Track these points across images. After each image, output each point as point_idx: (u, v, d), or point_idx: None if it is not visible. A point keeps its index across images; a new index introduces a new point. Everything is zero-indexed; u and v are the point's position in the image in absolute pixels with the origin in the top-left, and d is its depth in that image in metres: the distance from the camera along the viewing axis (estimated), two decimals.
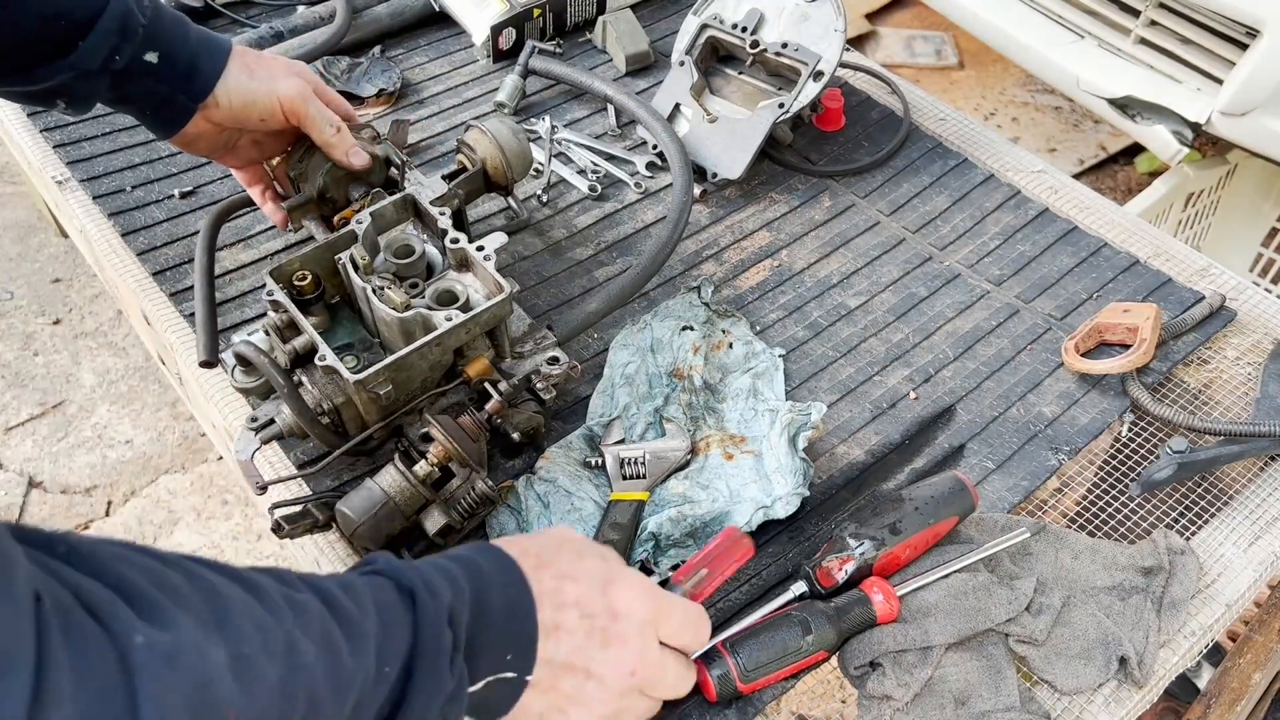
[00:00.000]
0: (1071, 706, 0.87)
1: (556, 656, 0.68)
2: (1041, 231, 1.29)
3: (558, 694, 0.69)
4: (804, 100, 1.30)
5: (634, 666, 0.71)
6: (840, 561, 0.89)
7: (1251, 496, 1.03)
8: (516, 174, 1.11)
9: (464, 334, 0.92)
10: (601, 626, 0.70)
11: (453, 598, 0.62)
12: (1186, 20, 1.78)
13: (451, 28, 1.56)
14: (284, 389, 0.90)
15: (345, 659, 0.54)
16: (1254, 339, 1.17)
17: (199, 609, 0.49)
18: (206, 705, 0.46)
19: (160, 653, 0.45)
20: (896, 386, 1.12)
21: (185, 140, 1.01)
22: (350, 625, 0.55)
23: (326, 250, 0.96)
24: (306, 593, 0.55)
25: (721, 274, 1.23)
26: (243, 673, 0.48)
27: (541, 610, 0.67)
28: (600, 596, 0.71)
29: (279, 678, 0.50)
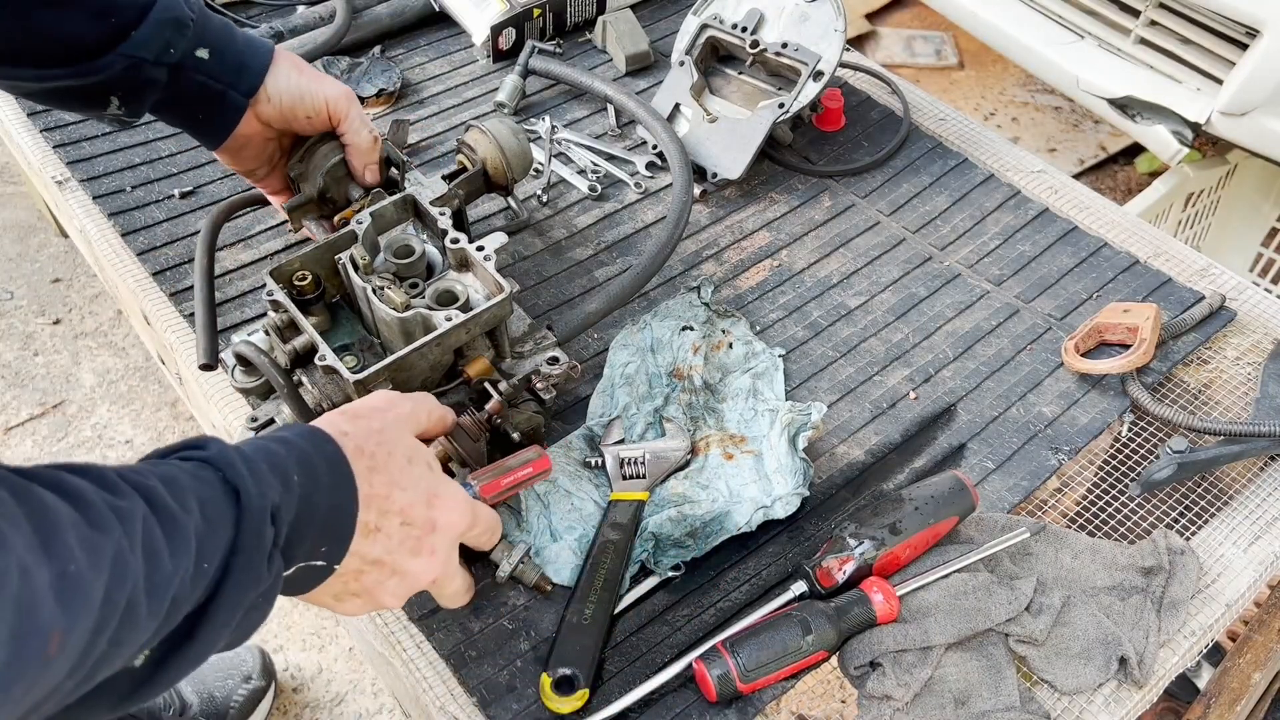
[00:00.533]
0: (1071, 706, 0.87)
1: (370, 554, 0.72)
2: (1041, 231, 1.29)
3: (359, 583, 0.74)
4: (804, 100, 1.30)
5: (437, 576, 0.79)
6: (840, 561, 0.89)
7: (1251, 496, 1.03)
8: (517, 174, 1.11)
9: (464, 334, 0.92)
10: (417, 536, 0.75)
11: (281, 494, 0.63)
12: (1186, 20, 1.78)
13: (451, 28, 1.56)
14: (284, 389, 0.90)
15: (166, 561, 0.54)
16: (1254, 339, 1.17)
17: (26, 529, 0.48)
18: (31, 629, 0.46)
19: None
20: (896, 386, 1.12)
21: (236, 145, 1.01)
22: (172, 525, 0.56)
23: (327, 250, 0.97)
24: (130, 496, 0.55)
25: (721, 274, 1.23)
26: (67, 592, 0.48)
27: (366, 513, 0.71)
28: (425, 509, 0.76)
29: (103, 592, 0.50)
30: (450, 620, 0.92)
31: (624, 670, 0.89)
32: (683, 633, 0.91)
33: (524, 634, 0.91)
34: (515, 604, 0.93)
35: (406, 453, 0.77)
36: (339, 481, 0.69)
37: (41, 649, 0.47)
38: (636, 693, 0.85)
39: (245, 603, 0.61)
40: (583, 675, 0.86)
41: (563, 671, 0.86)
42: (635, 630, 0.91)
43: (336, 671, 1.68)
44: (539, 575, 0.93)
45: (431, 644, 0.90)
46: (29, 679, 0.47)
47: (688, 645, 0.89)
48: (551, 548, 0.95)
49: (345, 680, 1.67)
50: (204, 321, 1.05)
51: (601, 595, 0.90)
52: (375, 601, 0.76)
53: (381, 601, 0.76)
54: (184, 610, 0.57)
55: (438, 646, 0.90)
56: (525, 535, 0.96)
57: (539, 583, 0.92)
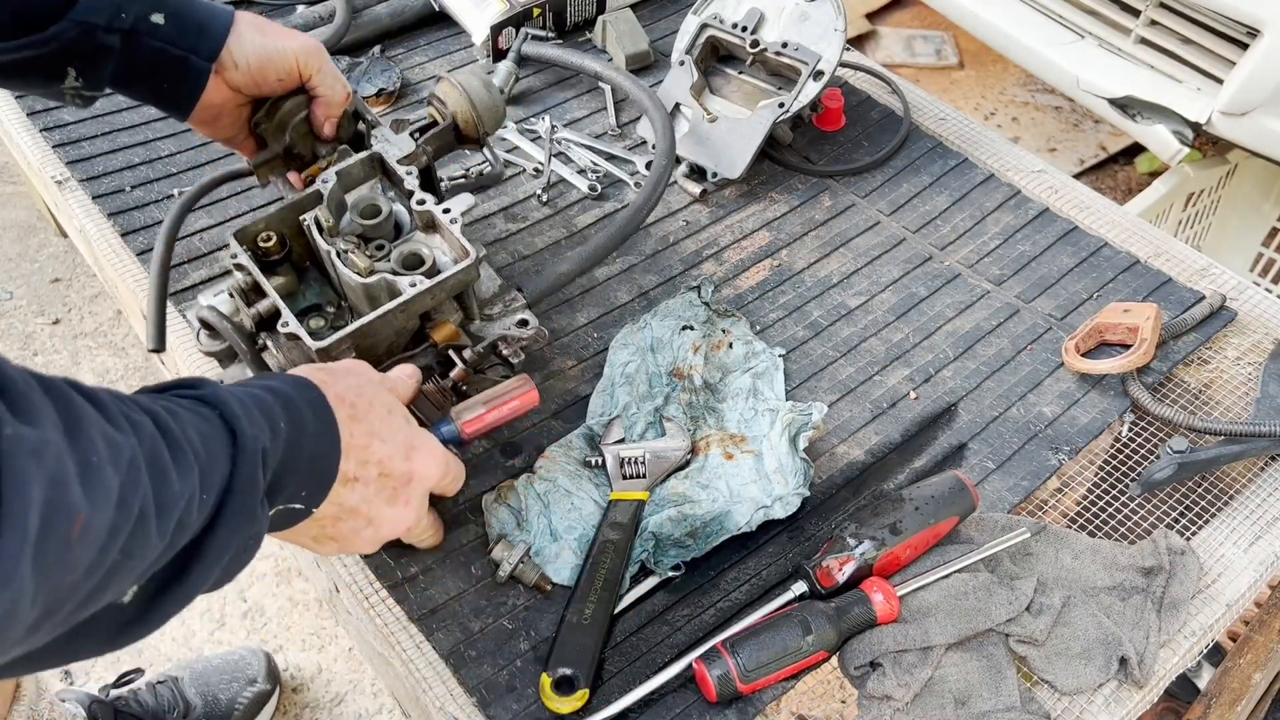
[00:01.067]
0: (1072, 707, 0.87)
1: (347, 502, 0.75)
2: (1042, 231, 1.29)
3: (334, 528, 0.76)
4: (804, 100, 1.30)
5: (410, 524, 0.82)
6: (840, 561, 0.89)
7: (1252, 497, 1.02)
8: (488, 127, 1.06)
9: (429, 300, 0.91)
10: (394, 487, 0.78)
11: (270, 440, 0.65)
12: (1187, 20, 1.77)
13: (451, 27, 1.56)
14: (247, 355, 0.90)
15: (174, 481, 0.56)
16: (1254, 339, 1.17)
17: (54, 416, 0.50)
18: (60, 505, 0.47)
19: (27, 446, 0.46)
20: (896, 386, 1.12)
21: (209, 115, 0.98)
22: (177, 450, 0.57)
23: (291, 211, 0.94)
24: (142, 415, 0.56)
25: (721, 274, 1.23)
26: (90, 480, 0.50)
27: (346, 462, 0.73)
28: (403, 461, 0.78)
29: (119, 490, 0.51)
30: (450, 620, 0.92)
31: (624, 670, 0.89)
32: (683, 633, 0.91)
33: (524, 634, 0.91)
34: (515, 604, 0.93)
35: (385, 405, 0.78)
36: (324, 429, 0.71)
37: (68, 526, 0.48)
38: (636, 693, 0.85)
39: (236, 542, 0.62)
40: (583, 675, 0.85)
41: (563, 671, 0.86)
42: (635, 630, 0.91)
43: (336, 672, 1.68)
44: (539, 575, 0.92)
45: (431, 644, 0.90)
46: (53, 555, 0.48)
47: (688, 645, 0.89)
48: (551, 547, 0.95)
49: (345, 680, 1.67)
50: (154, 309, 1.02)
51: (601, 595, 0.90)
52: (350, 547, 0.79)
53: (356, 547, 0.79)
54: (185, 538, 0.58)
55: (437, 646, 0.90)
56: (525, 535, 0.96)
57: (539, 583, 0.92)
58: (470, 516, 0.99)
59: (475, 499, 0.99)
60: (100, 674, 1.65)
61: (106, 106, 1.40)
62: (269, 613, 1.74)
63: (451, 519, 0.98)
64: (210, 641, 1.70)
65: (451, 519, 0.98)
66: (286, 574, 1.77)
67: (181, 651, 1.68)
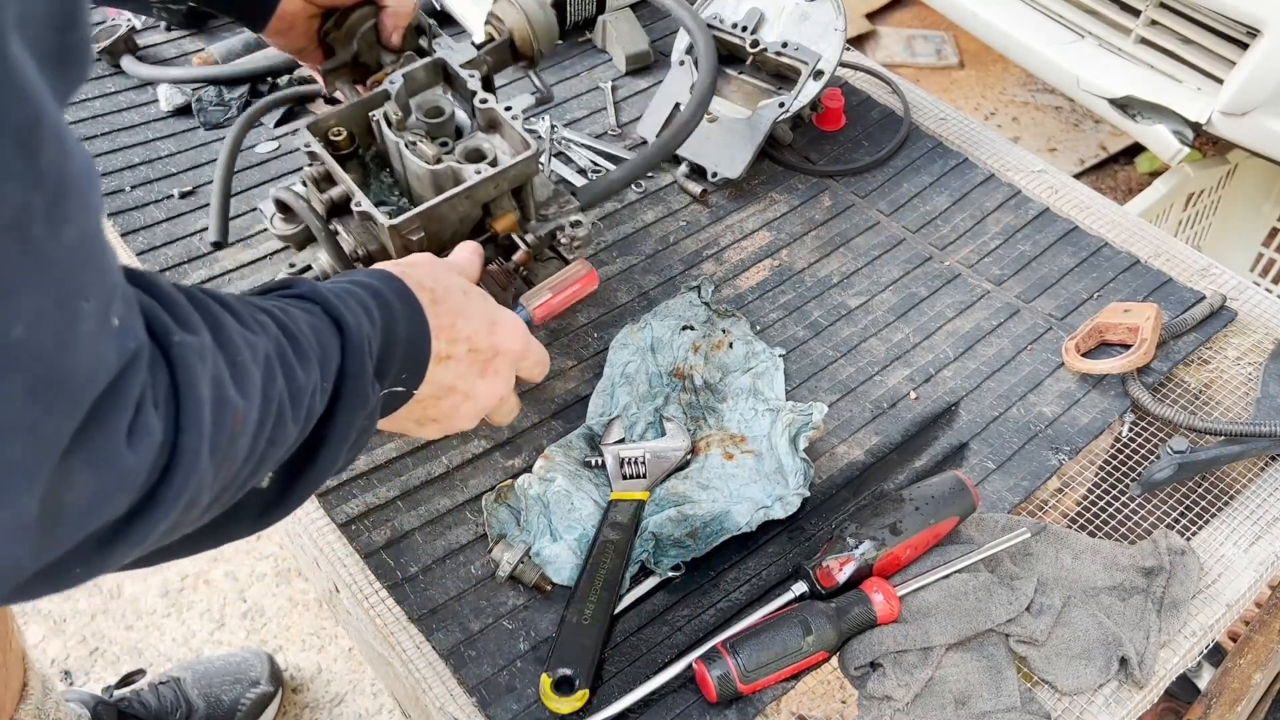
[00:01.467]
0: (1072, 707, 0.87)
1: (443, 380, 0.79)
2: (1042, 231, 1.29)
3: (436, 408, 0.81)
4: (804, 100, 1.30)
5: (502, 394, 0.85)
6: (840, 562, 0.89)
7: (1252, 497, 1.02)
8: (543, 45, 1.12)
9: (492, 188, 0.96)
10: (484, 360, 0.82)
11: (370, 328, 0.69)
12: (1187, 20, 1.77)
13: (452, 27, 1.56)
14: (321, 233, 0.95)
15: (299, 372, 0.60)
16: (1254, 339, 1.17)
17: (202, 322, 0.55)
18: (222, 401, 0.53)
19: (192, 349, 0.52)
20: (897, 386, 1.12)
21: (282, 25, 1.04)
22: (297, 344, 0.62)
23: (361, 108, 1.00)
24: (264, 315, 0.61)
25: (721, 274, 1.23)
26: (239, 378, 0.55)
27: (437, 342, 0.76)
28: (488, 335, 0.82)
29: (262, 386, 0.56)
30: (450, 620, 0.92)
31: (624, 671, 0.89)
32: (683, 633, 0.91)
33: (524, 634, 0.91)
34: (515, 604, 0.93)
35: (461, 286, 0.82)
36: (412, 314, 0.74)
37: (231, 422, 0.53)
38: (636, 693, 0.85)
39: (356, 424, 0.67)
40: (582, 675, 0.85)
41: (562, 672, 0.86)
42: (635, 630, 0.91)
43: (336, 672, 1.68)
44: (539, 575, 0.92)
45: (431, 644, 0.90)
46: (223, 446, 0.53)
47: (688, 646, 0.89)
48: (551, 548, 0.95)
49: (345, 681, 1.67)
50: (219, 206, 1.12)
51: (601, 595, 0.90)
52: (451, 424, 0.83)
53: (457, 424, 0.83)
54: (313, 422, 0.63)
55: (437, 646, 0.90)
56: (525, 535, 0.96)
57: (539, 583, 0.92)
58: (470, 516, 0.99)
59: (475, 498, 0.99)
60: (101, 674, 1.65)
61: (107, 107, 1.40)
62: (269, 613, 1.74)
63: (453, 517, 0.98)
64: (210, 642, 1.70)
65: (453, 517, 0.98)
66: (286, 574, 1.77)
67: (181, 651, 1.68)
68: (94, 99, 1.41)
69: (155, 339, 0.50)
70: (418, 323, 0.74)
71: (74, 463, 0.45)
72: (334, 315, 0.67)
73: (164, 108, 1.40)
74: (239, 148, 1.16)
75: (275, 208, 1.00)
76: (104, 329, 0.46)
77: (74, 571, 0.49)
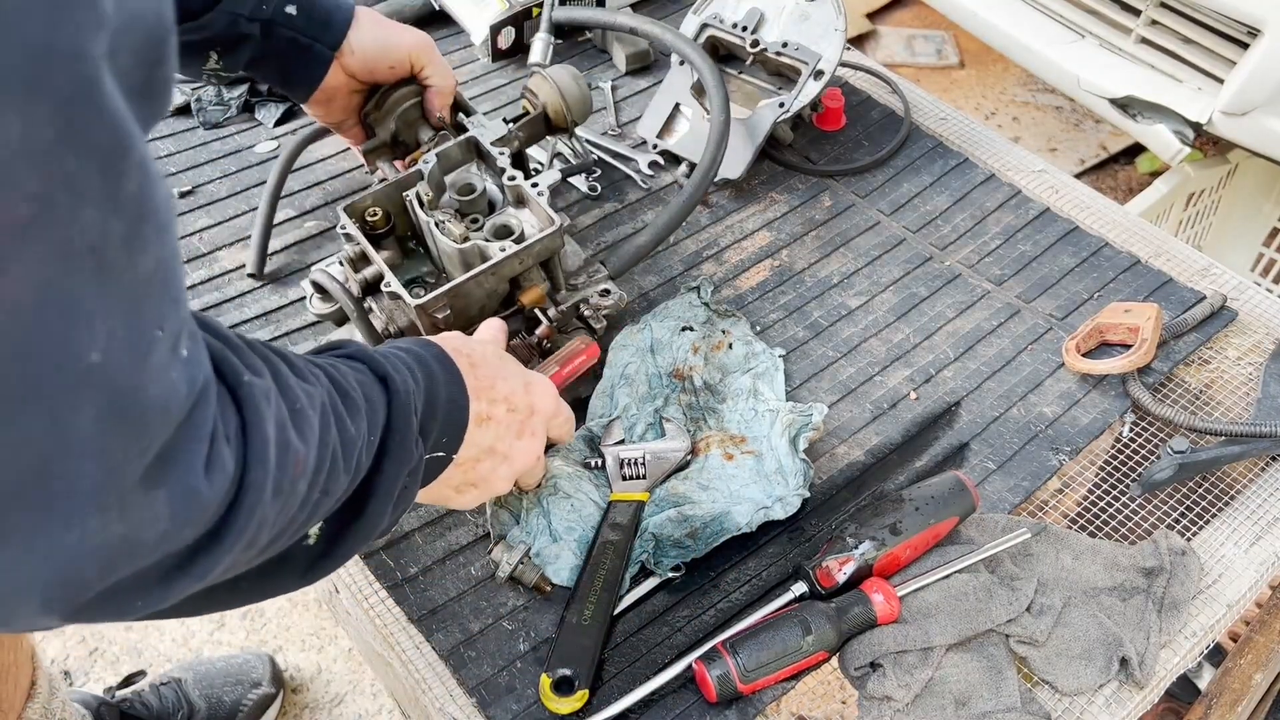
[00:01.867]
0: (1072, 707, 0.87)
1: (483, 441, 0.80)
2: (1042, 231, 1.29)
3: (475, 472, 0.82)
4: (804, 99, 1.30)
5: (537, 453, 0.87)
6: (840, 562, 0.89)
7: (1253, 497, 1.02)
8: (576, 117, 1.15)
9: (517, 264, 0.99)
10: (521, 420, 0.84)
11: (414, 387, 0.71)
12: (1187, 20, 1.77)
13: (451, 27, 1.56)
14: (354, 313, 0.99)
15: (349, 426, 0.62)
16: (1255, 339, 1.17)
17: (266, 369, 0.57)
18: (284, 443, 0.54)
19: (259, 391, 0.54)
20: (897, 387, 1.12)
21: (324, 97, 1.08)
22: (348, 398, 0.64)
23: (396, 188, 1.03)
24: (316, 370, 0.63)
25: (721, 274, 1.23)
26: (300, 423, 0.57)
27: (477, 402, 0.78)
28: (524, 395, 0.84)
29: (319, 433, 0.58)
30: (450, 621, 0.91)
31: (624, 671, 0.89)
32: (683, 633, 0.91)
33: (523, 634, 0.91)
34: (515, 604, 0.93)
35: (495, 352, 0.85)
36: (451, 376, 0.76)
37: (293, 464, 0.55)
38: (636, 693, 0.85)
39: (400, 479, 0.68)
40: (582, 676, 0.85)
41: (562, 672, 0.86)
42: (635, 631, 0.91)
43: (336, 672, 1.68)
44: (539, 576, 0.92)
45: (430, 645, 0.90)
46: (288, 491, 0.55)
47: (688, 646, 0.89)
48: (551, 548, 0.95)
49: (344, 681, 1.67)
50: (260, 239, 1.19)
51: (601, 596, 0.90)
52: (490, 488, 0.84)
53: (495, 487, 0.84)
54: (361, 475, 0.65)
55: (437, 647, 0.90)
56: (525, 536, 0.96)
57: (539, 583, 0.92)
58: (470, 517, 0.99)
59: None
60: (100, 674, 1.65)
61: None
62: (268, 613, 1.74)
63: (453, 518, 0.98)
64: (210, 642, 1.70)
65: (453, 518, 0.98)
66: None
67: (181, 652, 1.68)
68: None
69: (224, 379, 0.52)
70: (457, 384, 0.76)
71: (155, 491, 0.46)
72: (380, 374, 0.69)
73: None
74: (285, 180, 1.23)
75: (312, 288, 1.04)
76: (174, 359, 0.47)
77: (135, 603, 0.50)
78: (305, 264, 1.21)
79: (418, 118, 1.12)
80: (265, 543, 0.56)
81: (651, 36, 1.31)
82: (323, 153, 1.35)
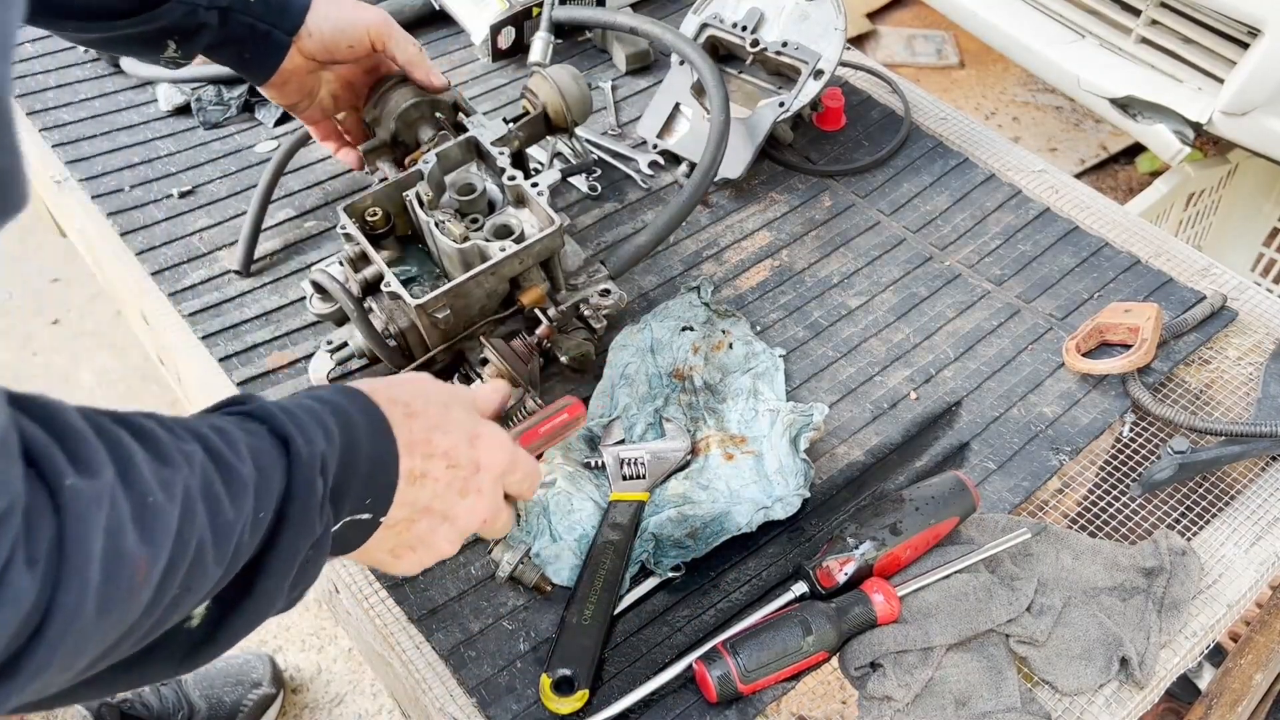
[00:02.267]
0: (1072, 707, 0.87)
1: (419, 501, 0.72)
2: (1042, 231, 1.29)
3: (410, 534, 0.73)
4: (804, 99, 1.30)
5: (486, 515, 0.77)
6: (841, 562, 0.89)
7: (1253, 497, 1.02)
8: (576, 117, 1.15)
9: (517, 264, 0.99)
10: (464, 477, 0.74)
11: (325, 446, 0.64)
12: (1187, 20, 1.77)
13: (451, 27, 1.56)
14: (354, 313, 0.99)
15: (227, 507, 0.56)
16: (1255, 339, 1.17)
17: (109, 461, 0.50)
18: (119, 552, 0.48)
19: (85, 496, 0.47)
20: (897, 387, 1.11)
21: (280, 80, 1.07)
22: (231, 475, 0.57)
23: (396, 188, 1.03)
24: (192, 443, 0.56)
25: (721, 274, 1.23)
26: (148, 522, 0.50)
27: (409, 459, 0.70)
28: (468, 449, 0.75)
29: (178, 528, 0.52)
30: (450, 621, 0.91)
31: (624, 671, 0.89)
32: (683, 633, 0.91)
33: (524, 634, 0.91)
34: (515, 604, 0.93)
35: (443, 399, 0.76)
36: (376, 430, 0.69)
37: (132, 575, 0.49)
38: (637, 693, 0.85)
39: (300, 554, 0.62)
40: (582, 676, 0.85)
41: (562, 672, 0.86)
42: (635, 631, 0.91)
43: (336, 672, 1.68)
44: (539, 576, 0.92)
45: (431, 644, 0.90)
46: (121, 605, 0.49)
47: (688, 646, 0.89)
48: (551, 548, 0.95)
49: (344, 681, 1.67)
50: (249, 237, 1.19)
51: (601, 596, 0.90)
52: (433, 551, 0.75)
53: (438, 549, 0.76)
54: (243, 560, 0.58)
55: (437, 647, 0.90)
56: (525, 536, 0.96)
57: (539, 583, 0.92)
58: None
59: None
60: None
61: (106, 107, 1.40)
62: None
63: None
64: None
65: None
66: None
67: None
68: (94, 99, 1.40)
69: (45, 482, 0.47)
70: (384, 439, 0.69)
71: None
72: (281, 434, 0.62)
73: (163, 107, 1.40)
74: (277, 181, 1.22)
75: (312, 288, 1.04)
76: None
77: None
78: (305, 264, 1.21)
79: (418, 118, 1.12)
80: (96, 655, 0.50)
81: (651, 36, 1.31)
82: (323, 153, 1.35)
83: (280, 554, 0.60)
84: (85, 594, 0.46)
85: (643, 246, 1.14)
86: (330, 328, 1.11)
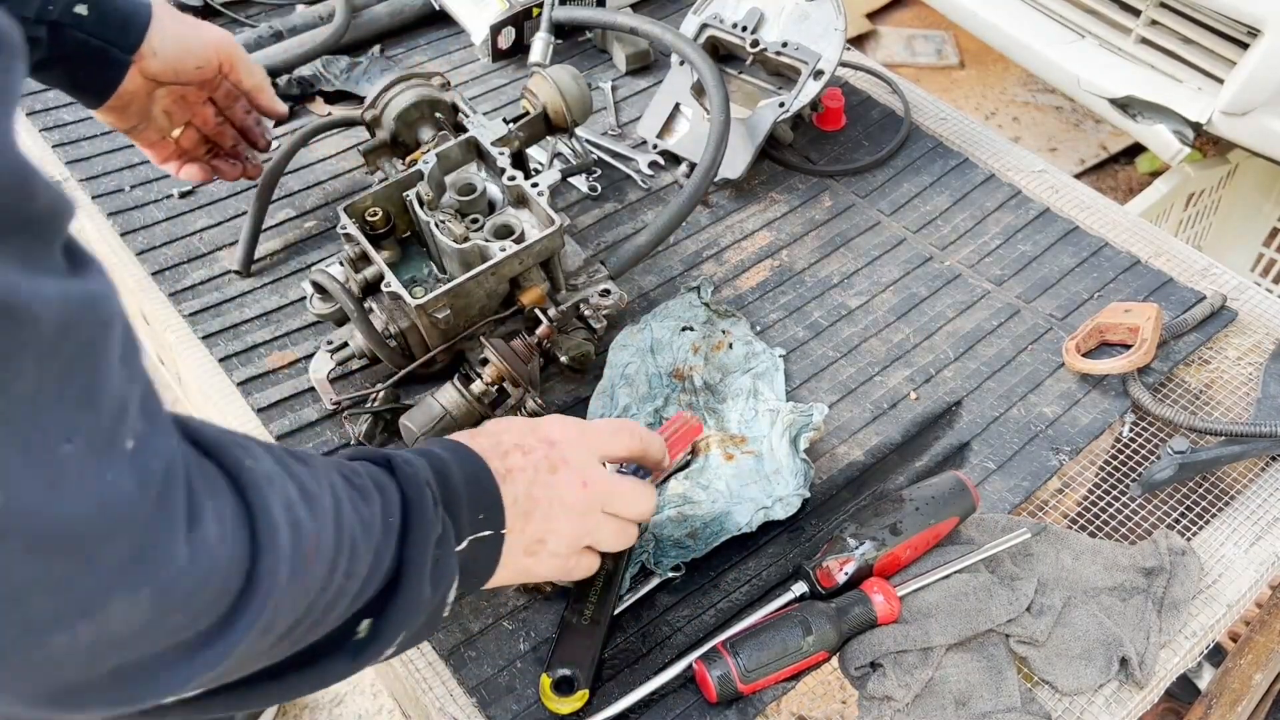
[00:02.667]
0: (1072, 707, 0.87)
1: (518, 495, 0.74)
2: (1042, 231, 1.29)
3: (530, 534, 0.75)
4: (804, 99, 1.30)
5: (583, 479, 0.78)
6: (841, 562, 0.89)
7: (1253, 497, 1.02)
8: (576, 117, 1.15)
9: (517, 264, 0.99)
10: (543, 455, 0.76)
11: (421, 465, 0.68)
12: (1187, 20, 1.77)
13: (451, 27, 1.56)
14: (354, 312, 0.99)
15: (363, 507, 0.60)
16: (1255, 339, 1.17)
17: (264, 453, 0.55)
18: (298, 524, 0.53)
19: (261, 473, 0.52)
20: (897, 387, 1.12)
21: (120, 103, 1.00)
22: (357, 480, 0.62)
23: (396, 188, 1.03)
24: (313, 456, 0.61)
25: (721, 274, 1.23)
26: (310, 503, 0.55)
27: (491, 463, 0.73)
28: (531, 434, 0.78)
29: (333, 514, 0.56)
30: (450, 620, 0.91)
31: (624, 671, 0.89)
32: (683, 633, 0.91)
33: (524, 634, 0.91)
34: (515, 604, 0.93)
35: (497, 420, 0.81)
36: (459, 452, 0.72)
37: (307, 543, 0.53)
38: (637, 693, 0.85)
39: (429, 551, 0.65)
40: (582, 676, 0.85)
41: (562, 672, 0.86)
42: (635, 631, 0.91)
43: None
44: None
45: (431, 644, 0.90)
46: (303, 575, 0.53)
47: (688, 646, 0.89)
48: None
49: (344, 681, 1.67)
50: (249, 236, 1.17)
51: (601, 596, 0.90)
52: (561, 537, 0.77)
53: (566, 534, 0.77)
54: (385, 563, 0.62)
55: (437, 647, 0.90)
56: None
57: (539, 583, 0.92)
58: None
59: None
60: None
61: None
62: None
63: None
64: None
65: None
66: None
67: None
68: None
69: (224, 468, 0.51)
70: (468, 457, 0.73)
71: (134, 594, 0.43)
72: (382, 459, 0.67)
73: None
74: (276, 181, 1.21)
75: (312, 288, 1.04)
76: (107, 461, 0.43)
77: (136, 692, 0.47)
78: (305, 264, 1.21)
79: (418, 118, 1.12)
80: (285, 629, 0.53)
81: (651, 36, 1.31)
82: (324, 152, 1.35)
83: (415, 551, 0.63)
84: (279, 558, 0.50)
85: (643, 247, 1.14)
86: (330, 328, 1.11)
